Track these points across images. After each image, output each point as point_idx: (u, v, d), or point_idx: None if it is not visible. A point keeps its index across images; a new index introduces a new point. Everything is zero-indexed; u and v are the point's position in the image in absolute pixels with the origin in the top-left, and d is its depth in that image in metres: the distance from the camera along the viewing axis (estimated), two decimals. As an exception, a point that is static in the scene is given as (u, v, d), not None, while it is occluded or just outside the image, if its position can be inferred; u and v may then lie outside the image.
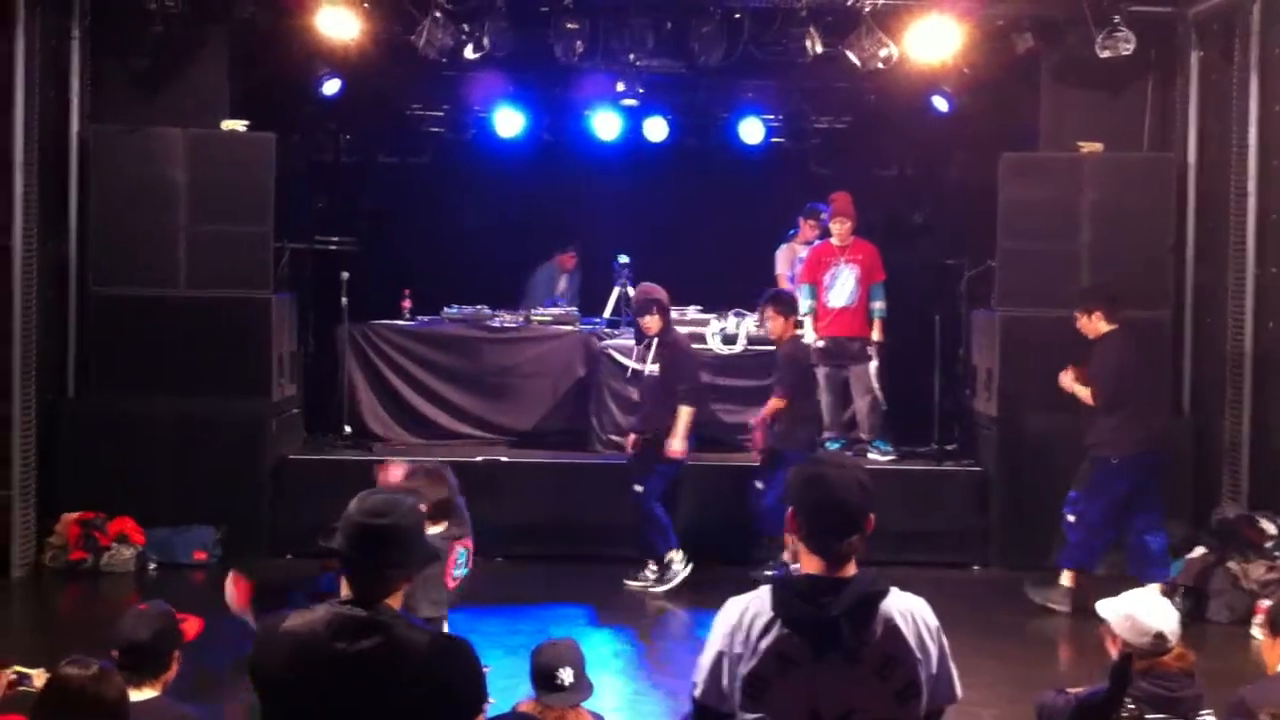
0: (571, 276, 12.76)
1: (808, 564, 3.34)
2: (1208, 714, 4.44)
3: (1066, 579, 8.82)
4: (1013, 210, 10.14)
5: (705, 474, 9.81)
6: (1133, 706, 4.30)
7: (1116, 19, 9.50)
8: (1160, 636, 4.43)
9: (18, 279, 9.09)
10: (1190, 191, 10.15)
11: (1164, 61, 10.27)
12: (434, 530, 6.01)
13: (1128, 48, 9.56)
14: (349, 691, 3.39)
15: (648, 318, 9.25)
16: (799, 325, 10.14)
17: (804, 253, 11.20)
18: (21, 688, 4.71)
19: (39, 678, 4.69)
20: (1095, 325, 8.91)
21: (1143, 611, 4.50)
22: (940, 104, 10.93)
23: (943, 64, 10.24)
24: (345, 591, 3.51)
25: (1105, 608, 4.62)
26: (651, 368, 9.24)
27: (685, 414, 9.05)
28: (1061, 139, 10.32)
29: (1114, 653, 4.57)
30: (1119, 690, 4.02)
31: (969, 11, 9.77)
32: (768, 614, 3.28)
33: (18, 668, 4.83)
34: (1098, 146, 10.16)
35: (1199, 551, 9.20)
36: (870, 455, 10.24)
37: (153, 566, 9.44)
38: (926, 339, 10.89)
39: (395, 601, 3.51)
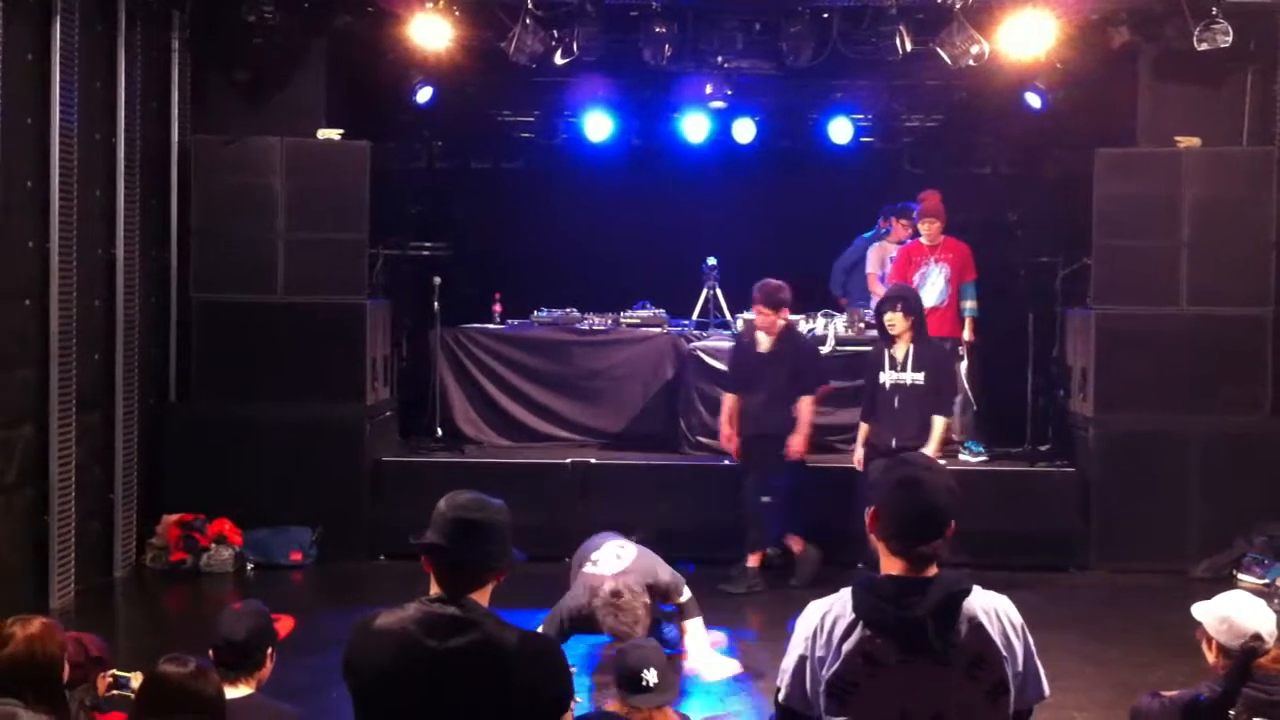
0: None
1: (889, 565, 3.31)
2: (1308, 718, 4.35)
3: (754, 560, 9.10)
4: (1109, 207, 9.99)
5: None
6: (1231, 712, 4.22)
7: (1214, 10, 9.31)
8: (1257, 638, 4.35)
9: (120, 286, 9.32)
10: (1292, 186, 9.92)
11: (1263, 53, 10.04)
12: None
13: (1225, 40, 9.36)
14: (440, 689, 3.43)
15: (892, 314, 8.59)
16: None
17: (894, 251, 11.13)
18: (118, 691, 4.82)
19: (136, 679, 4.81)
20: (784, 320, 9.15)
21: (1239, 613, 4.43)
22: (1034, 100, 10.79)
23: (1036, 60, 10.09)
24: (434, 589, 3.56)
25: (1200, 610, 4.56)
26: (915, 376, 8.56)
27: (944, 426, 8.68)
28: (1159, 134, 10.14)
29: (1210, 656, 4.50)
30: (1236, 687, 3.93)
31: (1063, 6, 9.63)
32: (849, 616, 3.26)
33: (115, 671, 4.95)
34: (1196, 141, 9.97)
35: (1300, 553, 9.04)
36: (962, 456, 10.14)
37: (250, 567, 9.62)
38: (1020, 338, 10.76)
39: (484, 598, 3.56)
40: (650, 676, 4.71)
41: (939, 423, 8.59)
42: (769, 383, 9.13)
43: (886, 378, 8.64)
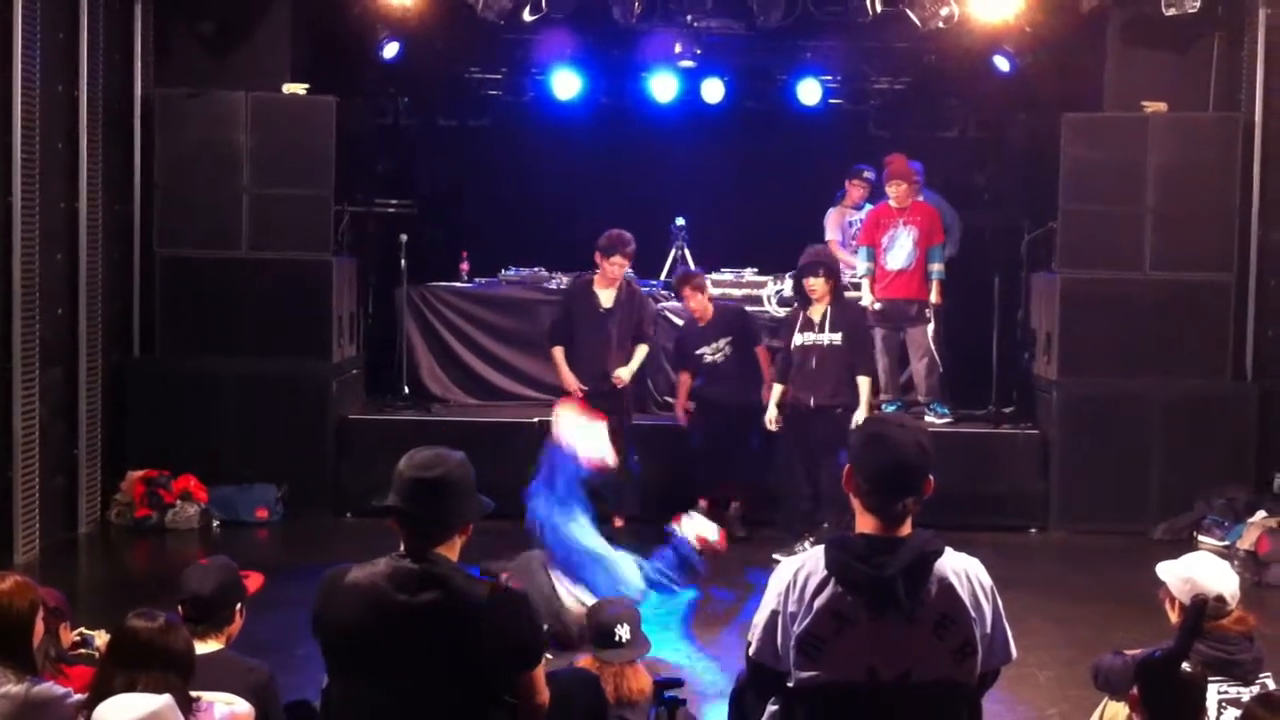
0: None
1: (864, 523, 3.35)
2: (1266, 677, 4.41)
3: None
4: (1075, 171, 10.03)
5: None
6: (1189, 668, 4.27)
7: (1182, -24, 9.35)
8: (1220, 599, 4.40)
9: (83, 240, 9.22)
10: (1256, 151, 9.97)
11: (1231, 19, 10.09)
12: None
13: (1193, 5, 9.39)
14: (410, 642, 3.47)
15: (814, 280, 8.73)
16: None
17: (853, 215, 11.14)
18: (84, 649, 4.81)
19: (100, 638, 4.79)
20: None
21: (1202, 574, 4.47)
22: (1002, 64, 10.80)
23: (1004, 23, 10.11)
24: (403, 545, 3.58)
25: (1164, 570, 4.60)
26: (833, 337, 8.71)
27: (869, 385, 8.83)
28: (1126, 99, 10.18)
29: (1173, 615, 4.55)
30: (1189, 640, 3.98)
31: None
32: (821, 572, 3.29)
33: (81, 630, 4.94)
34: (1162, 106, 10.01)
35: (1260, 516, 9.14)
36: (927, 418, 10.18)
37: (216, 524, 9.58)
38: (985, 302, 10.81)
39: (452, 553, 3.57)
40: (623, 632, 4.73)
41: (865, 382, 8.79)
42: (616, 338, 9.26)
43: (803, 339, 8.80)
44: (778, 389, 8.98)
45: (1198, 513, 9.57)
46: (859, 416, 8.53)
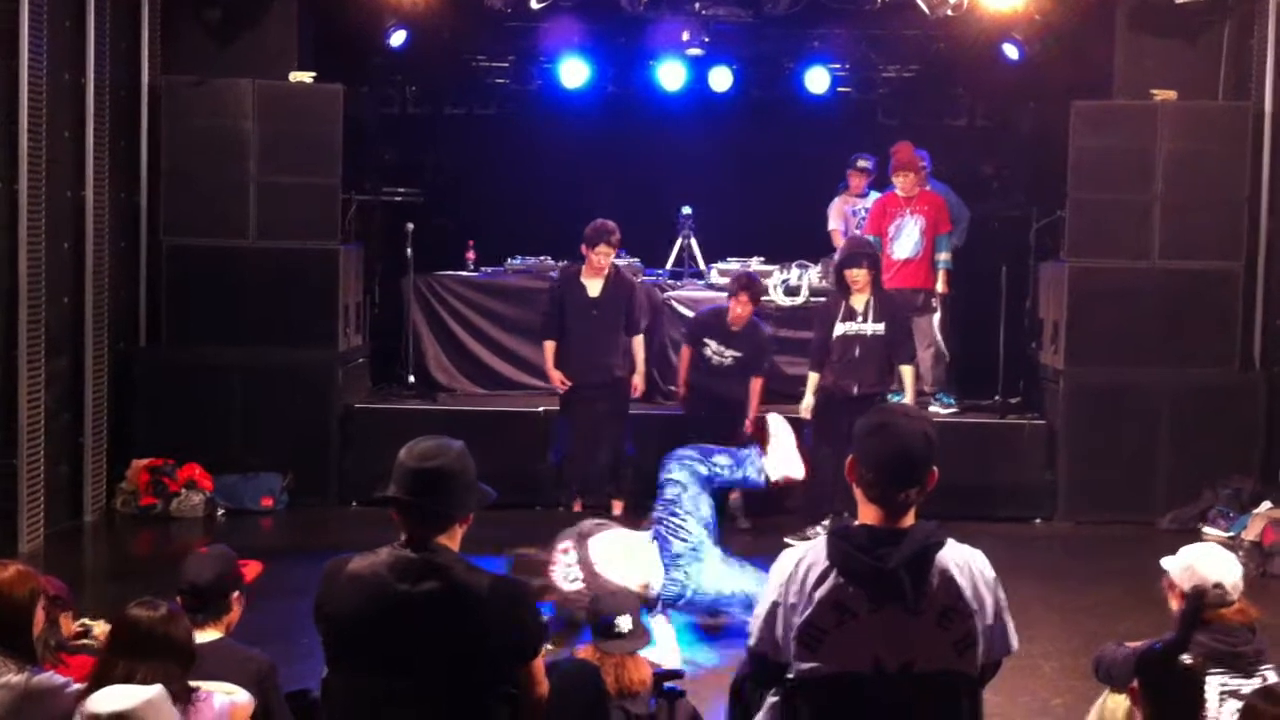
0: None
1: (866, 514, 3.34)
2: (1269, 669, 4.39)
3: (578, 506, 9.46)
4: (1084, 160, 9.98)
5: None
6: (1190, 660, 4.25)
7: (1192, -37, 9.31)
8: (1220, 588, 4.38)
9: (90, 229, 9.23)
10: (1266, 141, 9.92)
11: (1241, 7, 10.04)
12: None
13: (1204, -7, 9.37)
14: (411, 632, 3.46)
15: (857, 270, 8.85)
16: None
17: (857, 205, 11.09)
18: (85, 640, 4.81)
19: (99, 627, 4.80)
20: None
21: (1204, 562, 4.45)
22: (1011, 52, 10.76)
23: (1014, 11, 10.08)
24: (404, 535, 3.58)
25: (1168, 559, 4.59)
26: (876, 326, 8.83)
27: (913, 373, 9.03)
28: (1135, 87, 10.13)
29: (1175, 605, 4.53)
30: (1188, 631, 3.97)
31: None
32: (823, 563, 3.28)
33: (84, 620, 4.94)
34: (1172, 95, 9.96)
35: (1265, 506, 9.12)
36: (933, 408, 10.17)
37: (221, 512, 9.59)
38: (992, 291, 10.79)
39: (453, 543, 3.57)
40: (624, 623, 4.73)
41: (909, 370, 8.94)
42: (605, 327, 9.25)
43: (845, 328, 8.87)
44: (813, 376, 9.06)
45: (1204, 503, 9.55)
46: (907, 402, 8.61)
